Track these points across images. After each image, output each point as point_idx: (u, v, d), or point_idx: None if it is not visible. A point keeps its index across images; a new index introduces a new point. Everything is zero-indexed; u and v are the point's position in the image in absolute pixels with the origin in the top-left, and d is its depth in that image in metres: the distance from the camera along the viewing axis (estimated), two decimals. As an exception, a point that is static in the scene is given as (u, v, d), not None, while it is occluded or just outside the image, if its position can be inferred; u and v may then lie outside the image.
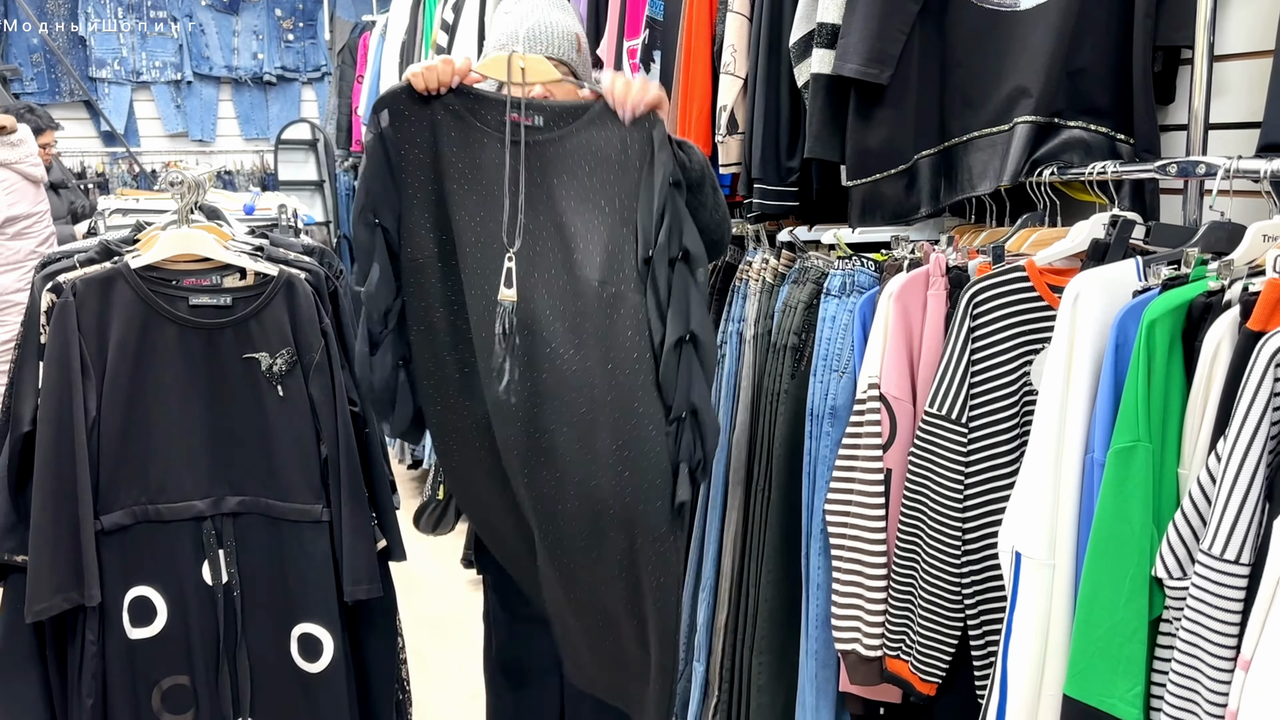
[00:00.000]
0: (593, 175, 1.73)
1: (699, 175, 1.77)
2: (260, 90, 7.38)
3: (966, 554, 1.71)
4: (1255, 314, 1.28)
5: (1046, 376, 1.52)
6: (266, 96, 7.40)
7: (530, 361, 1.73)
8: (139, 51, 7.12)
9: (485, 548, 2.06)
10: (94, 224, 2.36)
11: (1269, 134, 1.60)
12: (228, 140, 7.37)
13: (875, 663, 1.86)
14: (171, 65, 7.18)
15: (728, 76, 2.31)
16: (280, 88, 7.39)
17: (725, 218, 1.86)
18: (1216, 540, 1.24)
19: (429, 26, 4.35)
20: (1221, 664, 1.25)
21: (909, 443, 1.80)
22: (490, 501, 1.92)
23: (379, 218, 1.77)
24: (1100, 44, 1.86)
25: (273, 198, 3.31)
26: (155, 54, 7.16)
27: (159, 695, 2.01)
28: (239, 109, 7.36)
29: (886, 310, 1.86)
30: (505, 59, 1.73)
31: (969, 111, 1.95)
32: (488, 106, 1.76)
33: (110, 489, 1.95)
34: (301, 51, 7.41)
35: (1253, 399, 1.23)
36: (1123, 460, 1.37)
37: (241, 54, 7.30)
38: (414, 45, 4.62)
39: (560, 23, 1.94)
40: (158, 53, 7.17)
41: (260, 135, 7.38)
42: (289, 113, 7.36)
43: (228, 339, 1.98)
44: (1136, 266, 1.52)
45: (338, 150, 6.48)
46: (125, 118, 7.13)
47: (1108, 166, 1.74)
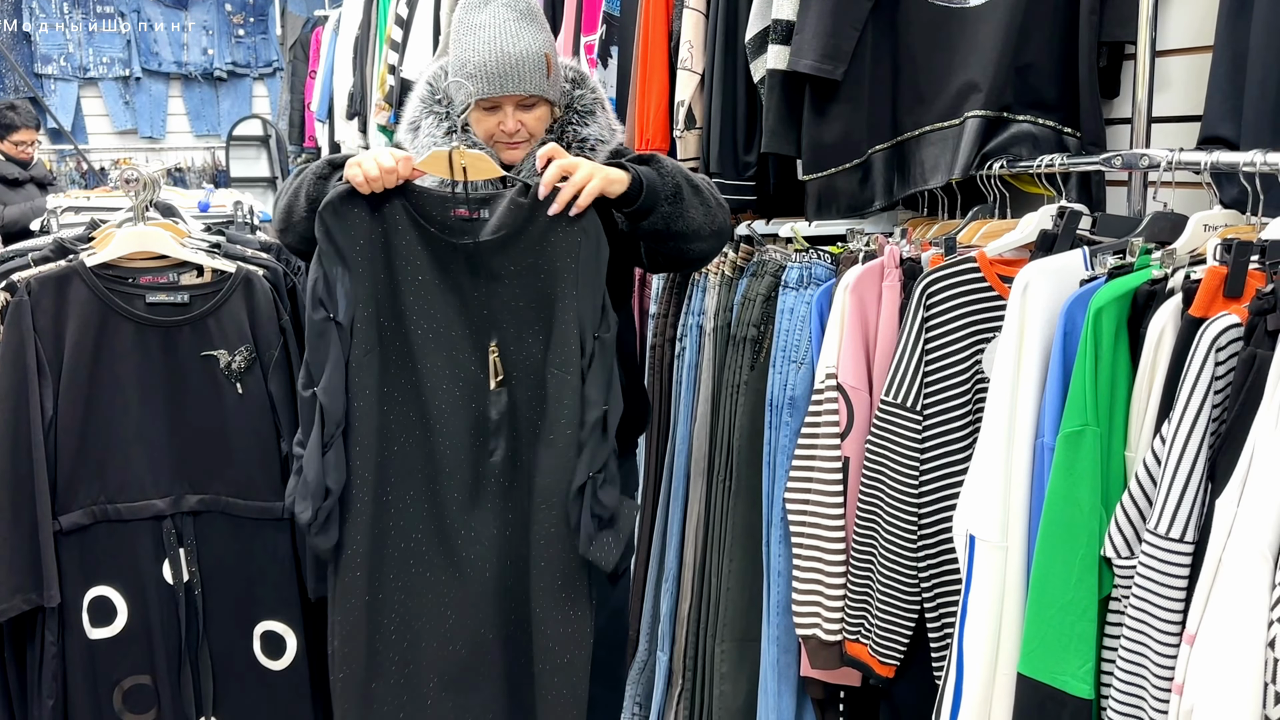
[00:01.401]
0: (537, 266, 1.74)
1: (673, 187, 1.77)
2: (211, 86, 7.28)
3: (922, 538, 1.75)
4: (1197, 301, 1.33)
5: (997, 363, 1.56)
6: (217, 92, 7.31)
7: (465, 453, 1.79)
8: (86, 47, 7.00)
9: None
10: (46, 222, 2.33)
11: (1209, 127, 1.65)
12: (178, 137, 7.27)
13: (835, 647, 1.89)
14: (119, 61, 7.06)
15: (685, 72, 2.33)
16: (231, 83, 7.30)
17: (719, 205, 1.86)
18: (1162, 520, 1.29)
19: (383, 20, 4.32)
20: (1168, 639, 1.29)
21: (866, 431, 1.83)
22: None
23: (332, 310, 1.73)
24: (1047, 40, 1.91)
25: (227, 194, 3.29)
26: (103, 50, 7.05)
27: (120, 695, 1.99)
28: (189, 105, 7.27)
29: (843, 302, 1.89)
30: (446, 156, 1.72)
31: (921, 106, 1.99)
32: (430, 203, 1.75)
33: (68, 489, 1.94)
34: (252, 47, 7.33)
35: (1195, 383, 1.27)
36: (1072, 444, 1.41)
37: (191, 49, 7.20)
38: (368, 40, 4.59)
39: (529, 48, 1.83)
40: (105, 49, 7.06)
41: (211, 131, 7.28)
42: (240, 109, 7.27)
43: (185, 337, 1.97)
44: (1083, 256, 1.56)
45: (290, 146, 6.42)
46: (73, 114, 7.01)
47: (1055, 159, 1.78)
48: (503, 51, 1.82)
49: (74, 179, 6.74)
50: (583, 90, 1.94)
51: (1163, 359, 1.36)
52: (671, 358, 2.45)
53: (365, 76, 4.58)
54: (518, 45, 1.82)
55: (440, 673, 1.83)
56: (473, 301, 1.77)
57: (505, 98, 1.84)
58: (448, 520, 1.81)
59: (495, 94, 1.82)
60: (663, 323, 2.50)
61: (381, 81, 4.16)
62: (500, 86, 1.82)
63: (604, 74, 2.70)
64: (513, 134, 1.86)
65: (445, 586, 1.82)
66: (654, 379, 2.49)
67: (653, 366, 2.49)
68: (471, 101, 1.84)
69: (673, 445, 2.40)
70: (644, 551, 2.51)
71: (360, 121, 4.62)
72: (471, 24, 1.86)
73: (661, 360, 2.48)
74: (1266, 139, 1.53)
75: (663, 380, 2.47)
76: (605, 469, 1.74)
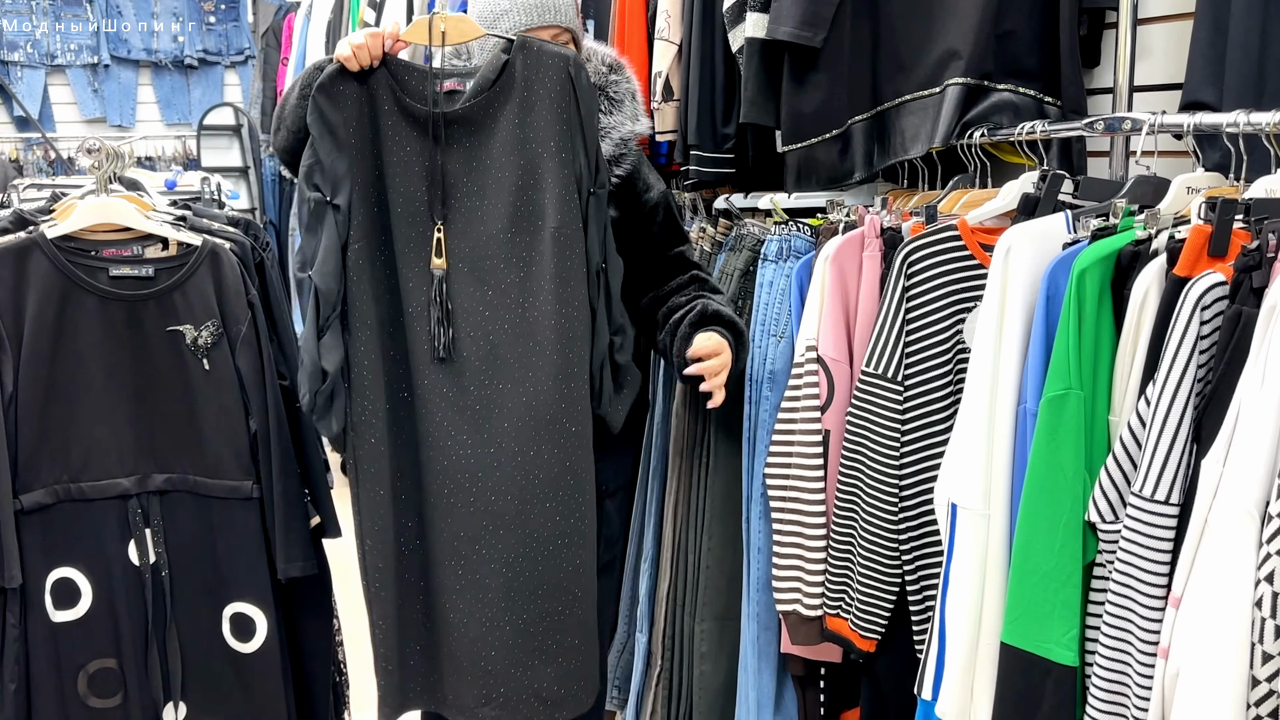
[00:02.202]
0: (523, 126, 1.75)
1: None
2: (181, 74, 7.17)
3: (903, 510, 1.72)
4: (1181, 260, 1.31)
5: (979, 329, 1.54)
6: (188, 80, 7.20)
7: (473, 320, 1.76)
8: (53, 34, 6.88)
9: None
10: (7, 196, 2.27)
11: (1190, 92, 1.63)
12: (148, 125, 7.16)
13: (816, 622, 1.87)
14: (88, 48, 6.94)
15: (662, 43, 2.30)
16: (202, 71, 7.19)
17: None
18: (1147, 482, 1.27)
19: (355, 5, 4.27)
20: (1154, 603, 1.27)
21: (847, 403, 1.81)
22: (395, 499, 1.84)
23: (327, 193, 1.73)
24: (1028, 7, 1.89)
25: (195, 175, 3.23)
26: (70, 36, 6.93)
27: (85, 679, 1.95)
28: (159, 93, 7.15)
29: (823, 273, 1.86)
30: (426, 23, 1.73)
31: (901, 75, 1.96)
32: (414, 75, 1.75)
33: (30, 467, 1.88)
34: (224, 34, 7.23)
35: (1180, 342, 1.25)
36: (1055, 408, 1.39)
37: (161, 37, 7.09)
38: (340, 25, 4.53)
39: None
40: (73, 35, 6.93)
41: (182, 120, 7.17)
42: (212, 97, 7.17)
43: (151, 311, 1.92)
44: (1066, 219, 1.54)
45: (263, 135, 6.33)
46: (40, 102, 6.88)
47: (1037, 126, 1.76)
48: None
49: (41, 167, 6.62)
50: (617, 77, 1.98)
51: (1147, 320, 1.34)
52: (649, 335, 2.42)
53: (338, 61, 4.53)
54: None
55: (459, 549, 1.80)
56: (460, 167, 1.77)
57: (544, 28, 1.88)
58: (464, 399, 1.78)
59: (535, 24, 1.87)
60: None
61: (355, 64, 4.11)
62: (539, 16, 1.88)
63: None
64: None
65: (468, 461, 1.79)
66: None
67: (630, 344, 2.46)
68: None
69: (651, 423, 2.37)
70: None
71: (333, 106, 4.56)
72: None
73: (639, 338, 2.44)
74: (1249, 101, 1.51)
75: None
76: (623, 331, 1.84)
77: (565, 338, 1.75)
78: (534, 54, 1.75)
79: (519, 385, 1.76)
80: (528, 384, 1.76)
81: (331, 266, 1.73)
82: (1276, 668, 1.13)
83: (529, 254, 1.75)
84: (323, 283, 1.72)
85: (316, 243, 1.73)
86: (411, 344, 1.78)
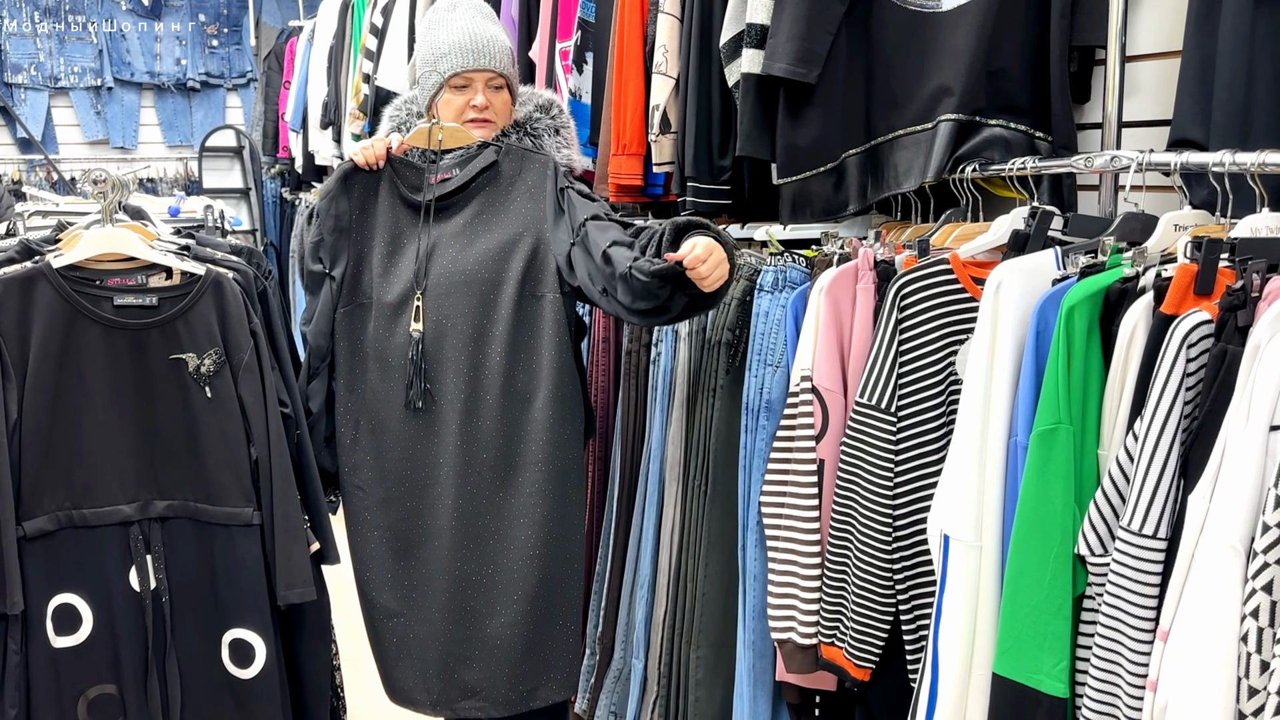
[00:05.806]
0: (505, 206, 2.06)
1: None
2: (184, 96, 7.22)
3: (897, 539, 1.74)
4: (1168, 298, 1.34)
5: (970, 363, 1.56)
6: (190, 103, 7.25)
7: (447, 373, 2.04)
8: (57, 56, 6.92)
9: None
10: (13, 225, 2.30)
11: (1179, 130, 1.66)
12: (150, 148, 7.19)
13: (810, 651, 1.88)
14: (91, 71, 6.99)
15: (660, 77, 2.33)
16: (204, 94, 7.24)
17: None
18: (1135, 516, 1.29)
19: (358, 31, 4.30)
20: (1142, 635, 1.29)
21: (841, 433, 1.83)
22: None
23: (326, 265, 2.08)
24: (1019, 44, 1.92)
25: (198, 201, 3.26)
26: (74, 59, 6.97)
27: (85, 705, 1.96)
28: (162, 115, 7.19)
29: (817, 304, 1.89)
30: (426, 131, 2.06)
31: (894, 110, 1.99)
32: (412, 170, 2.10)
33: (33, 494, 1.90)
34: (226, 57, 7.28)
35: (1166, 379, 1.28)
36: (1045, 442, 1.41)
37: (164, 59, 7.14)
38: (343, 50, 4.57)
39: (496, 35, 2.10)
40: (76, 58, 6.98)
41: (184, 142, 7.21)
42: (213, 119, 7.21)
43: (154, 340, 1.94)
44: (1055, 256, 1.57)
45: (264, 157, 6.37)
46: (43, 124, 6.92)
47: (1028, 161, 1.79)
48: (476, 33, 2.07)
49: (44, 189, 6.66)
50: (542, 115, 2.16)
51: (1135, 356, 1.36)
52: (647, 363, 2.44)
53: (340, 86, 4.57)
54: (488, 30, 2.09)
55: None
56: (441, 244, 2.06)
57: (478, 73, 2.06)
58: (440, 437, 2.07)
59: (470, 67, 2.05)
60: (638, 328, 2.49)
61: (356, 90, 4.15)
62: (475, 60, 2.05)
63: (579, 79, 2.70)
64: (483, 109, 2.07)
65: (447, 489, 2.07)
66: (629, 384, 2.48)
67: (628, 372, 2.48)
68: (444, 80, 2.07)
69: (648, 450, 2.39)
70: (619, 558, 2.49)
71: (334, 131, 4.60)
72: (442, 20, 2.12)
73: (636, 365, 2.47)
74: (1235, 141, 1.54)
75: (638, 385, 2.46)
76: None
77: (524, 389, 2.04)
78: (518, 155, 2.08)
79: (493, 424, 2.04)
80: (501, 422, 2.04)
81: (323, 326, 2.08)
82: (1261, 702, 1.15)
83: (494, 315, 2.02)
84: (314, 339, 2.10)
85: (316, 304, 2.09)
86: (391, 394, 2.06)
